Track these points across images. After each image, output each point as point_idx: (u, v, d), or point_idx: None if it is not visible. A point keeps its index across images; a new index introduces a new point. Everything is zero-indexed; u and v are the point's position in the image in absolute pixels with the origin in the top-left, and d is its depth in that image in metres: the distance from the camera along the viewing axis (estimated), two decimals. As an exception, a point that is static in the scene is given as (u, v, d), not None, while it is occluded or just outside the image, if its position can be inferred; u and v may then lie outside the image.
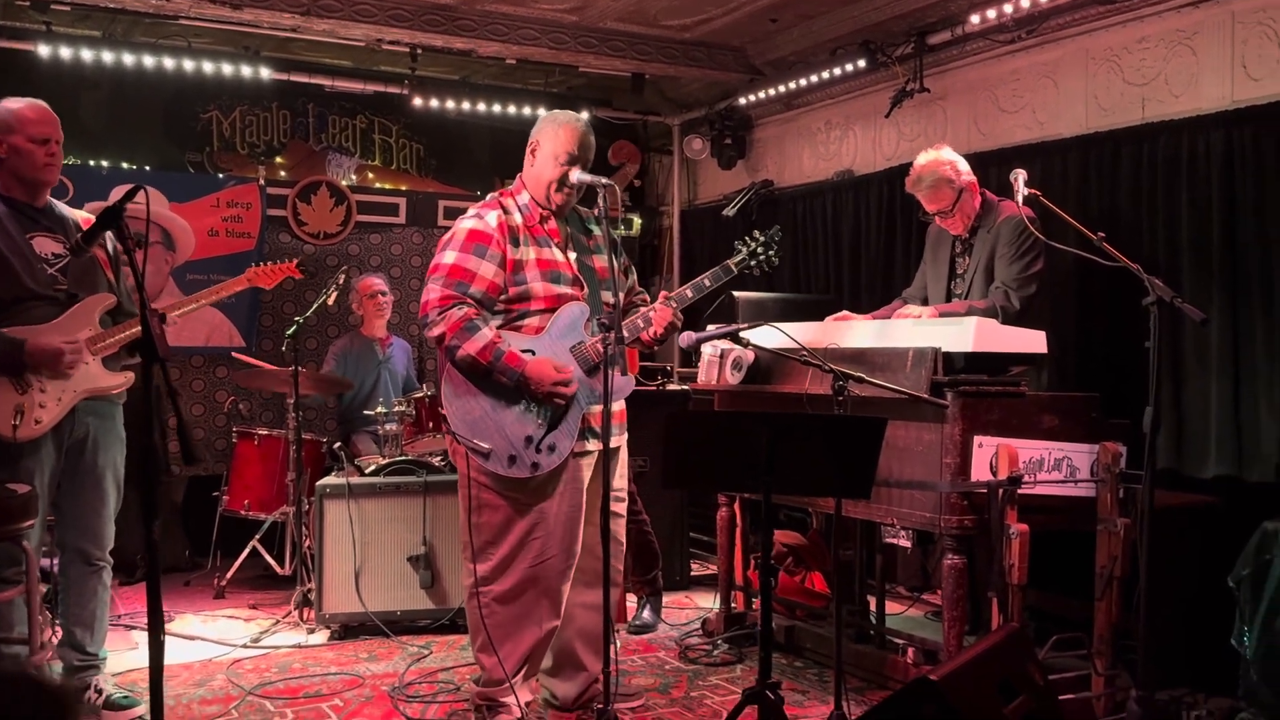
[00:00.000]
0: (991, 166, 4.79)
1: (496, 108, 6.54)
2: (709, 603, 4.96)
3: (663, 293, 3.52)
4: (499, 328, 3.26)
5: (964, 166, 4.02)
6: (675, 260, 7.23)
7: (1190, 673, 3.70)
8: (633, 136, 7.38)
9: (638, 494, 4.53)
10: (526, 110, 6.53)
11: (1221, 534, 3.71)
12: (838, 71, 5.64)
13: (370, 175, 6.76)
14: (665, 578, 5.30)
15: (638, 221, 7.43)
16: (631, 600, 4.84)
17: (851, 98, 5.98)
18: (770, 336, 3.59)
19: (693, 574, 5.68)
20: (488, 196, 3.41)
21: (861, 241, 5.75)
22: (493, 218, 3.27)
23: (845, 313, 4.05)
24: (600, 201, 3.16)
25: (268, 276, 3.72)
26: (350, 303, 6.00)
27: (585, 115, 3.37)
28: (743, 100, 6.42)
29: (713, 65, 6.28)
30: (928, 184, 3.99)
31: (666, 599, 5.16)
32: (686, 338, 3.40)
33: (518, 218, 3.31)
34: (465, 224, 3.27)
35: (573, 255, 3.36)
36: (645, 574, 4.76)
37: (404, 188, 6.81)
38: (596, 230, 3.38)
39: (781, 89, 6.11)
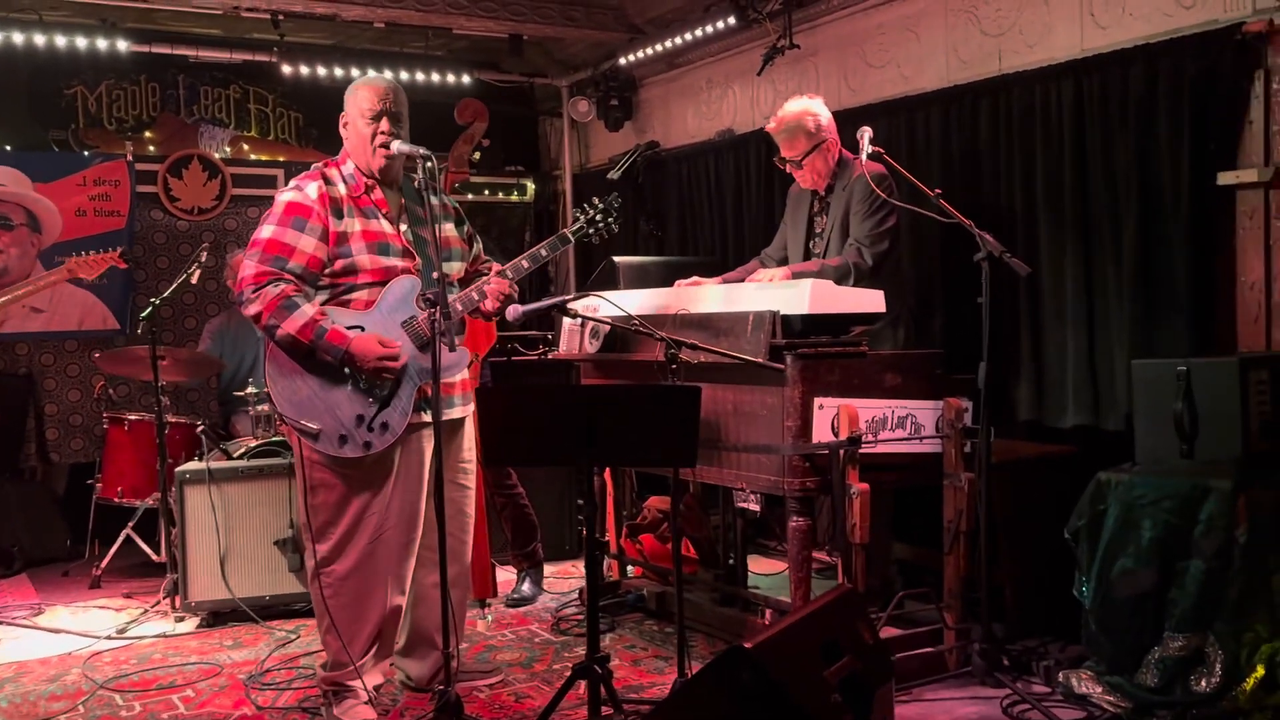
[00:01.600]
0: (863, 122, 4.76)
1: (373, 72, 6.36)
2: (593, 571, 4.98)
3: (494, 265, 3.50)
4: (326, 303, 3.22)
5: (826, 121, 4.04)
6: (569, 224, 7.16)
7: (1049, 622, 3.79)
8: (522, 99, 7.31)
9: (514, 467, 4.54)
10: (405, 75, 6.42)
11: (1080, 483, 3.76)
12: (710, 30, 5.60)
13: (246, 147, 6.63)
14: (556, 546, 5.33)
15: (531, 186, 7.37)
16: (511, 574, 4.84)
17: (729, 56, 5.95)
18: (628, 302, 3.59)
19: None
20: (311, 167, 3.37)
21: (744, 202, 5.74)
22: (313, 189, 3.23)
23: (695, 278, 4.05)
24: (420, 170, 3.14)
25: (89, 267, 3.63)
26: (227, 279, 5.91)
27: (388, 74, 3.32)
28: (625, 60, 6.36)
29: (591, 25, 6.20)
30: (786, 132, 4.03)
31: (555, 568, 5.18)
32: (512, 311, 3.38)
33: (341, 188, 3.27)
34: (284, 197, 3.23)
35: (404, 227, 3.31)
36: (523, 547, 4.77)
37: (282, 159, 6.70)
38: (435, 200, 3.31)
39: (661, 48, 6.05)
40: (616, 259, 5.23)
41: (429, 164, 3.14)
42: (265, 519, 4.51)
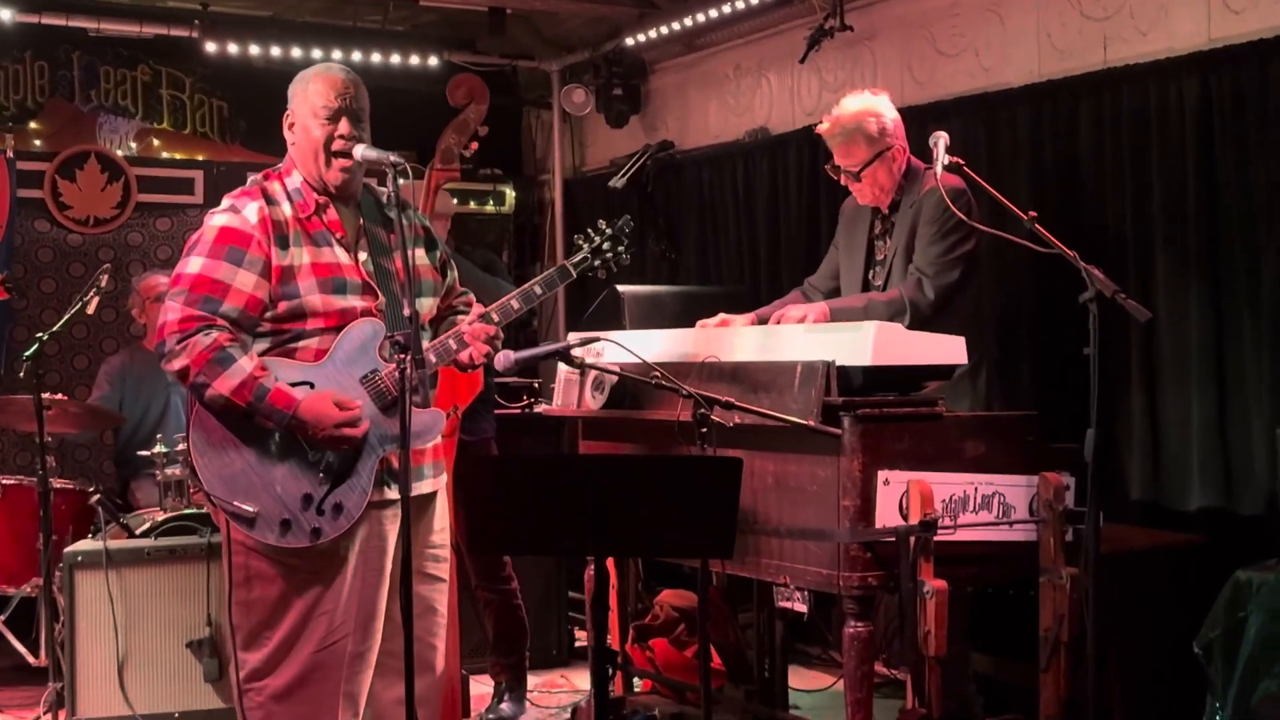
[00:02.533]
0: (929, 122, 4.84)
1: (318, 53, 6.43)
2: (589, 683, 4.97)
3: (472, 300, 3.51)
4: (267, 354, 3.21)
5: (892, 123, 4.07)
6: (559, 242, 7.26)
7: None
8: (502, 86, 7.36)
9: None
10: (358, 55, 6.47)
11: (1210, 582, 3.77)
12: (740, 5, 5.68)
13: (156, 143, 6.69)
14: (542, 653, 5.32)
15: (511, 194, 7.44)
16: (485, 686, 4.82)
17: (763, 37, 6.02)
18: (641, 346, 3.60)
19: (577, 645, 5.70)
20: (249, 180, 3.33)
21: (780, 218, 5.80)
22: (252, 211, 3.21)
23: (723, 315, 4.06)
24: (389, 184, 3.14)
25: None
26: (130, 308, 5.90)
27: (337, 55, 3.33)
28: (632, 40, 6.44)
29: (592, -4, 6.30)
30: (842, 135, 4.05)
31: (541, 678, 5.18)
32: (503, 358, 3.36)
33: (286, 209, 3.26)
34: (216, 220, 3.22)
35: (363, 255, 3.30)
36: (508, 655, 4.77)
37: (201, 157, 6.75)
38: (406, 220, 3.32)
39: (678, 26, 6.14)
40: (620, 289, 5.28)
41: (402, 175, 3.14)
42: (176, 614, 4.48)
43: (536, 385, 5.72)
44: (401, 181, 3.17)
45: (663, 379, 3.40)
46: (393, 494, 3.23)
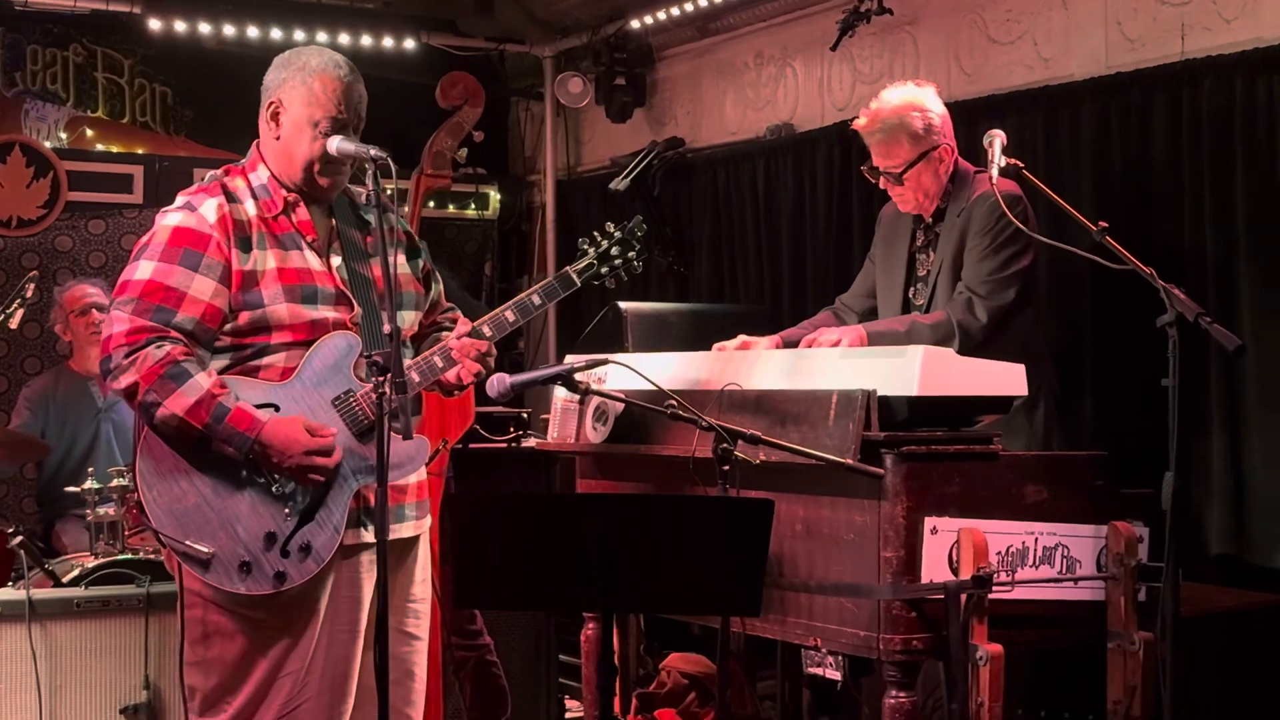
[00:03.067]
0: (980, 119, 4.85)
1: (278, 33, 6.47)
2: (581, 760, 4.95)
3: (459, 316, 3.50)
4: (226, 372, 3.22)
5: (939, 120, 4.07)
6: (550, 252, 7.29)
7: None
8: (488, 74, 7.36)
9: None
10: (323, 36, 6.49)
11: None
12: (764, -18, 5.71)
13: (90, 133, 6.71)
14: (528, 717, 5.28)
15: (495, 197, 7.44)
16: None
17: (788, 21, 6.04)
18: (651, 371, 3.57)
19: (569, 716, 5.65)
20: (207, 176, 3.35)
21: (806, 227, 5.80)
22: (210, 209, 3.22)
23: (743, 337, 4.05)
24: (369, 180, 3.12)
25: None
26: (53, 323, 5.87)
27: (340, 57, 3.33)
28: (638, 23, 6.46)
29: (592, -29, 6.32)
30: (882, 132, 4.04)
31: (525, 755, 5.14)
32: (497, 382, 3.35)
33: (250, 208, 3.27)
34: (169, 219, 3.24)
35: (337, 260, 3.32)
36: (488, 723, 4.74)
37: (141, 151, 6.74)
38: (385, 222, 3.28)
39: (692, 6, 6.15)
40: (623, 306, 5.26)
41: (379, 167, 3.14)
42: (109, 676, 4.43)
43: (525, 415, 5.70)
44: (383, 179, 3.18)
45: (680, 408, 3.38)
46: (369, 536, 3.22)
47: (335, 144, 3.25)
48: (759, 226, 6.08)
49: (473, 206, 7.40)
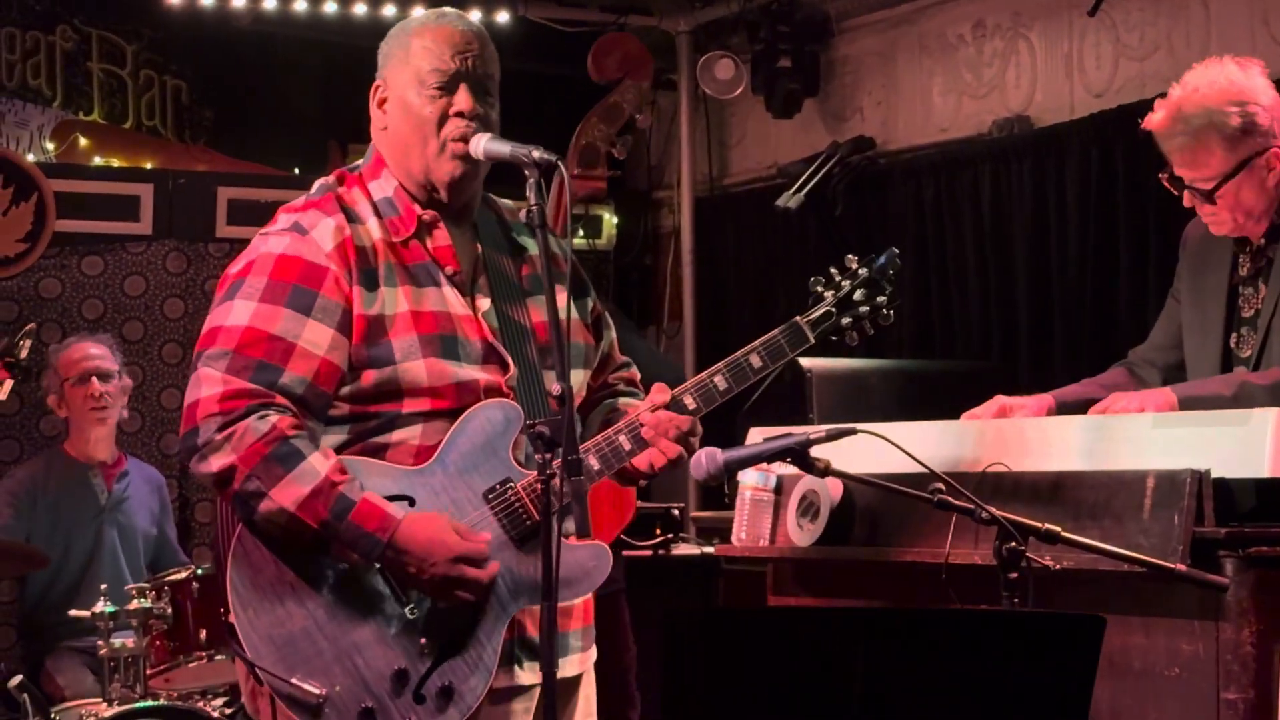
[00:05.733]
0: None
1: (333, 6, 6.13)
2: None
3: (657, 387, 3.15)
4: (341, 450, 2.95)
5: (1268, 115, 3.67)
6: (687, 294, 6.90)
7: None
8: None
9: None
10: (392, 9, 6.09)
11: None
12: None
13: (84, 142, 6.48)
14: None
15: (611, 220, 7.06)
16: None
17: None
18: (878, 450, 3.25)
19: None
20: (315, 187, 3.08)
21: (1052, 253, 5.55)
22: (326, 232, 2.94)
23: (1000, 398, 3.81)
24: (531, 193, 2.85)
25: None
26: (44, 393, 5.58)
27: (453, 10, 3.10)
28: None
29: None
30: (1187, 133, 3.67)
31: None
32: (706, 459, 3.06)
33: (374, 228, 2.99)
34: (273, 245, 2.96)
35: (485, 303, 3.04)
36: None
37: (150, 164, 6.48)
38: (533, 247, 3.10)
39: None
40: (805, 364, 4.93)
41: (543, 173, 2.87)
42: None
43: (676, 513, 5.22)
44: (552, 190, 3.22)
45: (949, 494, 3.05)
46: (526, 677, 3.02)
47: (482, 144, 2.98)
48: (983, 255, 5.85)
49: (581, 233, 6.99)
